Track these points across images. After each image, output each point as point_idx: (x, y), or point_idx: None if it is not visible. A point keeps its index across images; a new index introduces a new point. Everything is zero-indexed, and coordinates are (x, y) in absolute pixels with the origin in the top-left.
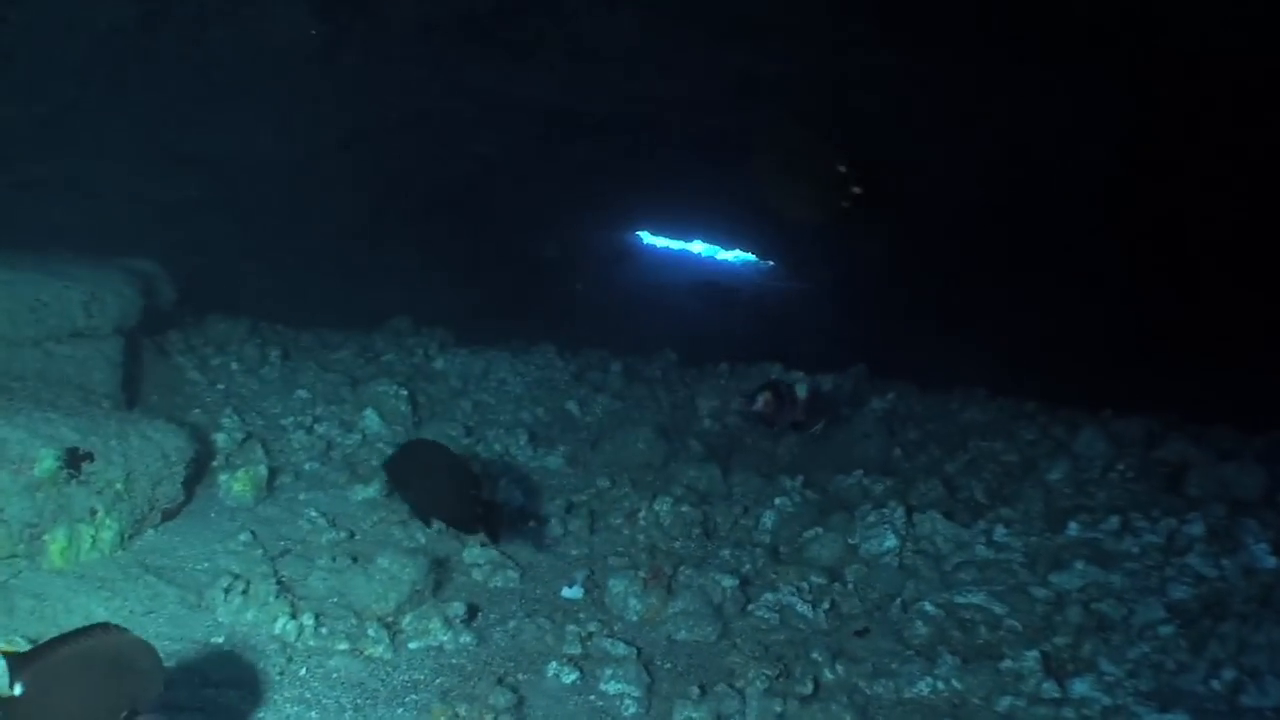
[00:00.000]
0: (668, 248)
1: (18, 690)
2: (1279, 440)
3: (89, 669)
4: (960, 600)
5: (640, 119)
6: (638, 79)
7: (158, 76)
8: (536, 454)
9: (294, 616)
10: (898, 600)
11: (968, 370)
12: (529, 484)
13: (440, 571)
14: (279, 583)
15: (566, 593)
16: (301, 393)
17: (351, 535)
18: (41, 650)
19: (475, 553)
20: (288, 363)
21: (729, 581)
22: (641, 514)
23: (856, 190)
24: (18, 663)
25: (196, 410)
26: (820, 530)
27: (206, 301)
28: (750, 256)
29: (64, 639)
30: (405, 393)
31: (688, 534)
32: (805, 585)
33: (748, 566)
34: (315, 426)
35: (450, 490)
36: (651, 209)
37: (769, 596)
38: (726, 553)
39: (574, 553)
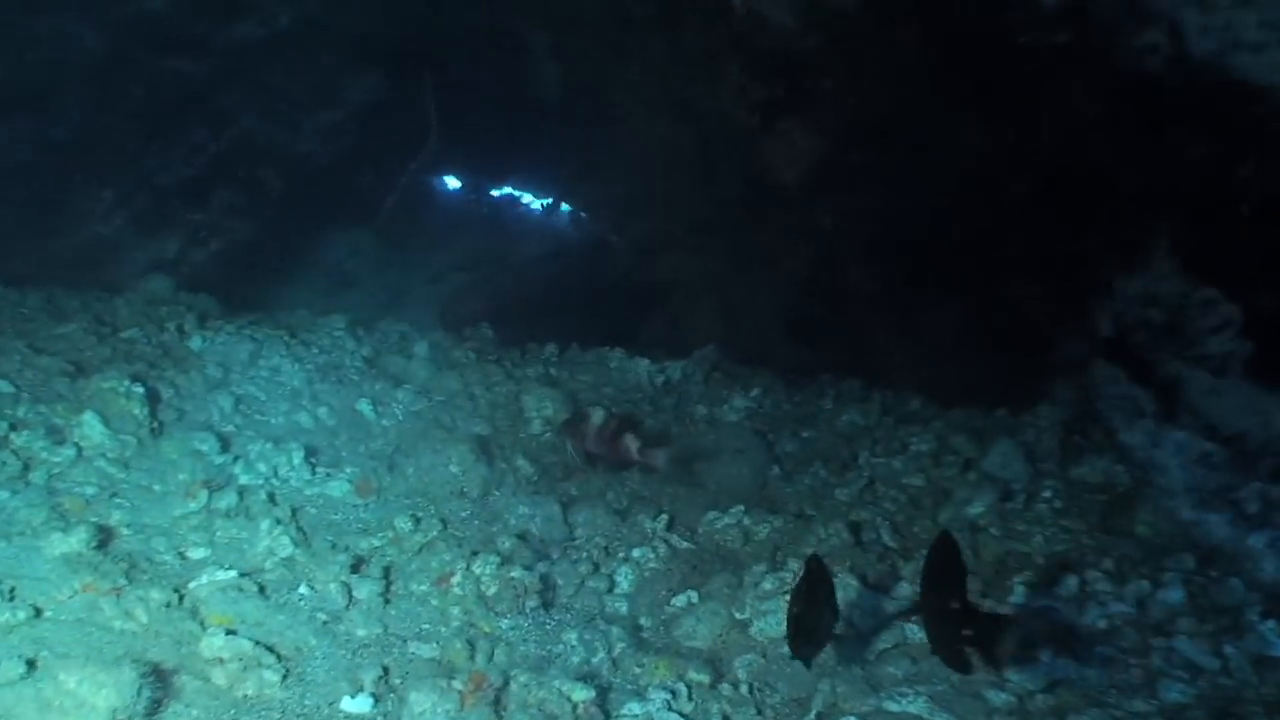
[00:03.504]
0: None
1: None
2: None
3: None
4: (894, 708)
5: None
6: None
7: None
8: (315, 477)
9: None
10: (812, 713)
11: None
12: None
13: (161, 683)
14: None
15: (349, 705)
16: (2, 384)
17: (37, 614)
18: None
19: (218, 644)
20: None
21: (581, 693)
22: (456, 578)
23: None
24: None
25: None
26: (695, 597)
27: None
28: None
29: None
30: (140, 389)
31: (519, 606)
32: (683, 687)
33: (601, 655)
34: (11, 436)
35: None
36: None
37: (635, 708)
38: (573, 636)
39: (361, 633)
